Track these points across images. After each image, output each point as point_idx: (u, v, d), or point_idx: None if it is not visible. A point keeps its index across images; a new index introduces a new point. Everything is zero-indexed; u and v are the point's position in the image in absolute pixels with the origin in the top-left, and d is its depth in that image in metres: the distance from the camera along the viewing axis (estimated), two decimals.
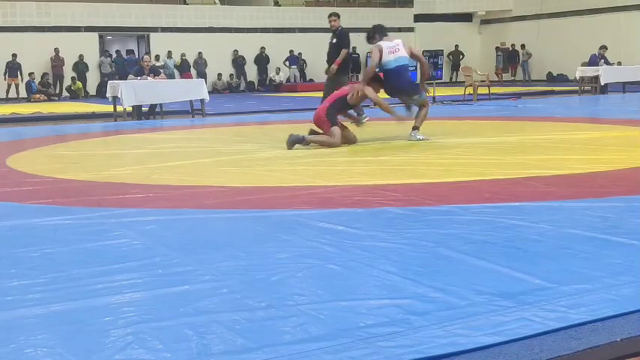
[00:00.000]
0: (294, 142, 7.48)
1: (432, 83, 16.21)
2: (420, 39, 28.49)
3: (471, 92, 16.81)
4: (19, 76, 22.48)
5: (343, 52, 10.39)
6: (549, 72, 27.92)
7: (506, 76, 28.47)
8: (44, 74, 22.75)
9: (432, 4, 30.02)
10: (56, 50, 23.31)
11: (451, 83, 26.91)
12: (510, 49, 28.93)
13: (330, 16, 10.79)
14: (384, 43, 7.95)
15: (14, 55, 22.24)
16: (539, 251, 3.23)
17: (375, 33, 8.16)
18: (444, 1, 29.94)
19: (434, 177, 5.48)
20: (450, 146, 7.37)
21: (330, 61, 10.56)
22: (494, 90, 18.09)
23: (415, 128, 7.90)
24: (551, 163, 6.01)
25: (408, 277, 2.85)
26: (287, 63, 27.60)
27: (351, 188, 5.07)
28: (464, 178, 5.35)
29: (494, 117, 11.60)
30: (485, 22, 31.14)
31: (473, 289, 2.68)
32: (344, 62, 10.55)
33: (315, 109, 8.14)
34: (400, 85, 7.96)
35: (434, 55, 16.59)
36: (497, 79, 17.74)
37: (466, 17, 30.92)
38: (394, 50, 7.88)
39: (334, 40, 10.58)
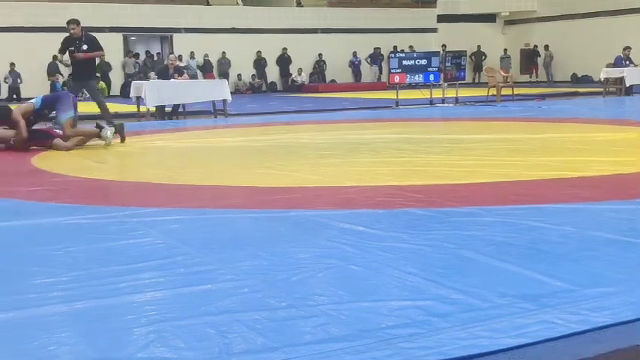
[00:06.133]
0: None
1: (455, 84, 16.17)
2: (443, 39, 28.40)
3: (494, 93, 16.72)
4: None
5: (100, 52, 10.89)
6: (574, 73, 27.70)
7: (525, 78, 28.27)
8: (70, 75, 22.94)
9: (456, 4, 29.89)
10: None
11: (474, 84, 26.78)
12: (532, 49, 28.73)
13: (69, 24, 10.66)
14: None
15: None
16: (562, 253, 3.20)
17: None
18: (467, 2, 29.80)
19: (456, 178, 5.45)
20: (473, 147, 7.33)
21: (80, 70, 10.60)
22: (517, 91, 17.97)
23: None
24: (575, 165, 5.96)
25: (429, 279, 2.84)
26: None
27: (372, 189, 5.06)
28: (487, 180, 5.32)
29: (517, 118, 11.53)
30: (510, 22, 30.95)
31: (495, 290, 2.67)
32: (91, 66, 10.70)
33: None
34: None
35: (457, 55, 16.46)
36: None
37: (490, 18, 30.75)
38: None
39: (85, 47, 10.53)
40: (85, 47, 10.42)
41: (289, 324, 2.39)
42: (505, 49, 29.37)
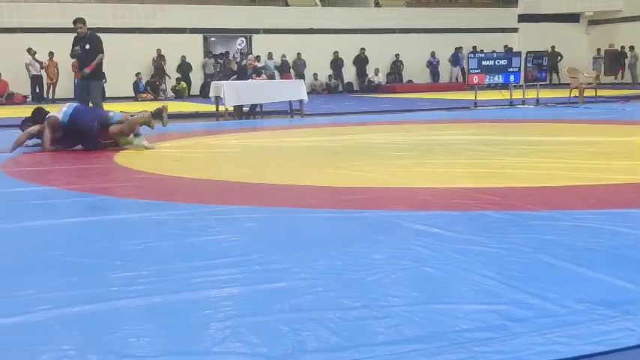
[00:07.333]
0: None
1: (536, 85, 15.85)
2: (524, 40, 27.81)
3: (577, 94, 16.29)
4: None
5: (100, 56, 10.50)
6: None
7: (610, 79, 27.35)
8: (153, 75, 23.52)
9: (537, 3, 29.21)
10: (158, 51, 24.06)
11: (550, 85, 26.08)
12: (619, 50, 27.81)
13: (75, 23, 10.60)
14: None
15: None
16: None
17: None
18: (549, 1, 29.10)
19: (536, 181, 5.34)
20: (554, 150, 7.17)
21: (84, 66, 10.61)
22: (600, 92, 17.46)
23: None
24: None
25: (505, 283, 2.80)
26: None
27: (448, 190, 5.01)
28: (567, 183, 5.19)
29: (600, 120, 11.21)
30: (593, 22, 30.06)
31: (573, 296, 2.60)
32: (98, 67, 10.61)
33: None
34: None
35: (538, 56, 16.12)
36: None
37: (573, 18, 29.94)
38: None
39: (87, 46, 10.46)
40: (87, 47, 10.62)
41: (362, 324, 2.40)
42: (598, 49, 28.42)
